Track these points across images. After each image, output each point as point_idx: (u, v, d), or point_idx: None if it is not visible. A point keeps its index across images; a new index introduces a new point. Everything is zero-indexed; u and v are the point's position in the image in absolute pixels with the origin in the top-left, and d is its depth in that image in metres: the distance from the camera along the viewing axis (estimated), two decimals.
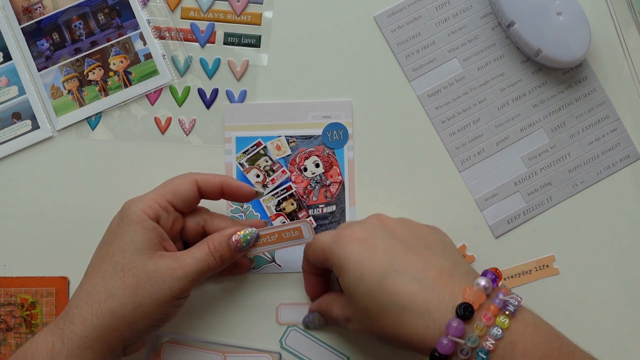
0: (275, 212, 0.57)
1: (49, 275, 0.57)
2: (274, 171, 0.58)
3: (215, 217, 0.53)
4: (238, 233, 0.50)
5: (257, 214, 0.57)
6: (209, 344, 0.56)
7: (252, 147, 0.58)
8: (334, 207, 0.57)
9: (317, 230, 0.57)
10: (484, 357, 0.42)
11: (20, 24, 0.57)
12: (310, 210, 0.57)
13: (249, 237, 0.50)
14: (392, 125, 0.58)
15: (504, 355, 0.42)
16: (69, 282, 0.56)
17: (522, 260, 0.58)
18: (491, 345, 0.42)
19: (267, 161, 0.58)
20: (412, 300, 0.43)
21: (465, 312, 0.42)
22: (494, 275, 0.45)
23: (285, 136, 0.58)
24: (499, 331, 0.42)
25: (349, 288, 0.47)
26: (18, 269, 0.57)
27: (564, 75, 0.59)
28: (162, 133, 0.58)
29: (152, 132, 0.58)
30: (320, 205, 0.57)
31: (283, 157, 0.58)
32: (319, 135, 0.58)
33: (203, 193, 0.51)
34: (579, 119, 0.59)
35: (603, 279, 0.58)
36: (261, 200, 0.57)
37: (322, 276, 0.55)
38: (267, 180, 0.57)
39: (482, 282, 0.44)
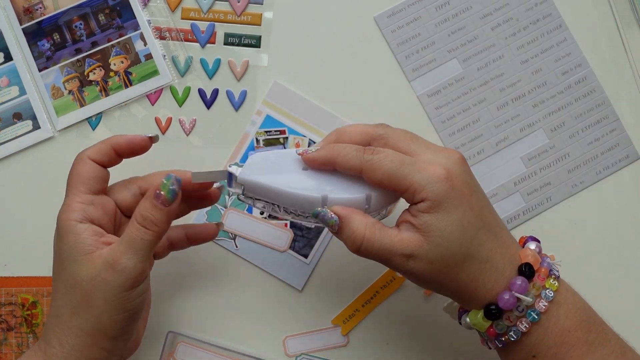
0: None
1: (49, 275, 0.57)
2: None
3: (148, 177, 0.50)
4: (158, 187, 0.45)
5: None
6: (224, 350, 0.56)
7: (275, 131, 0.58)
8: (313, 225, 0.57)
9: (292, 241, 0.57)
10: (536, 317, 0.44)
11: (21, 25, 0.58)
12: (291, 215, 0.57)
13: (170, 186, 0.45)
14: (391, 125, 0.58)
15: (551, 315, 0.44)
16: None
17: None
18: (543, 307, 0.44)
19: None
20: (494, 256, 0.45)
21: (529, 271, 0.45)
22: (538, 241, 0.48)
23: (310, 139, 0.58)
24: (550, 293, 0.45)
25: (443, 229, 0.43)
26: (19, 268, 0.57)
27: (564, 75, 0.59)
28: (163, 133, 0.58)
29: (152, 132, 0.58)
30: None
31: None
32: None
33: (110, 154, 0.49)
34: (578, 119, 0.59)
35: (603, 279, 0.58)
36: None
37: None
38: None
39: (533, 246, 0.47)
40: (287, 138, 0.58)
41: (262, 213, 0.57)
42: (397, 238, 0.44)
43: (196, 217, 0.58)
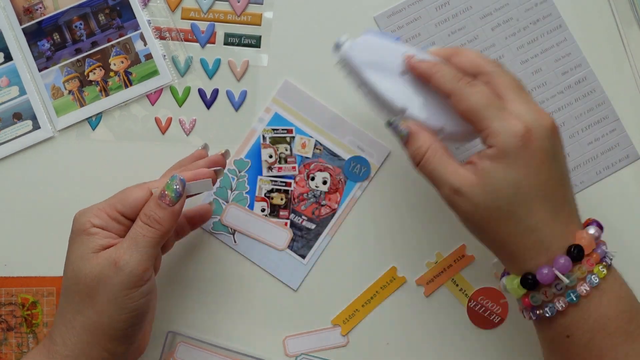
0: (262, 196, 0.58)
1: (49, 275, 0.57)
2: (286, 162, 0.58)
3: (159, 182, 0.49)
4: (162, 187, 0.46)
5: (248, 186, 0.58)
6: (224, 350, 0.56)
7: (282, 129, 0.58)
8: (313, 226, 0.58)
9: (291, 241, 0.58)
10: (575, 299, 0.44)
11: (21, 25, 0.58)
12: (292, 214, 0.58)
13: (174, 186, 0.46)
14: None
15: (592, 300, 0.44)
16: None
17: None
18: (585, 291, 0.44)
19: (286, 149, 0.58)
20: (543, 228, 0.44)
21: (577, 253, 0.44)
22: (601, 227, 0.47)
23: (316, 140, 0.58)
24: (596, 279, 0.44)
25: (497, 181, 0.44)
26: (19, 268, 0.57)
27: (564, 75, 0.59)
28: (163, 133, 0.58)
29: (152, 132, 0.58)
30: (303, 216, 0.58)
31: (301, 156, 0.58)
32: (343, 159, 0.58)
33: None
34: (578, 119, 0.59)
35: None
36: (259, 177, 0.57)
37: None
38: (276, 165, 0.58)
39: (592, 230, 0.46)
40: (293, 137, 0.58)
41: (263, 210, 0.58)
42: (453, 169, 0.45)
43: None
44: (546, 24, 0.59)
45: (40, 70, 0.58)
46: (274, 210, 0.58)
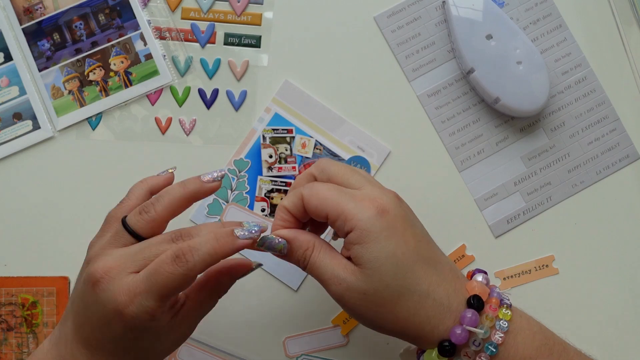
0: (263, 196, 0.58)
1: (49, 275, 0.57)
2: (286, 162, 0.58)
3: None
4: (245, 269, 0.48)
5: (248, 186, 0.58)
6: (225, 354, 0.56)
7: (283, 129, 0.58)
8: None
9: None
10: (494, 350, 0.43)
11: (21, 25, 0.58)
12: None
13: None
14: (391, 126, 0.58)
15: (508, 345, 0.43)
16: (69, 282, 0.56)
17: (522, 260, 0.58)
18: (500, 339, 0.43)
19: (286, 149, 0.58)
20: (436, 290, 0.44)
21: (478, 303, 0.43)
22: (485, 273, 0.46)
23: (317, 140, 0.58)
24: (504, 324, 0.43)
25: (374, 260, 0.43)
26: (19, 268, 0.57)
27: (564, 75, 0.59)
28: (163, 133, 0.58)
29: (152, 132, 0.58)
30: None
31: (301, 156, 0.58)
32: (343, 159, 0.58)
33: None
34: (578, 119, 0.59)
35: (602, 278, 0.58)
36: (259, 177, 0.57)
37: (304, 225, 0.49)
38: (276, 165, 0.58)
39: (480, 277, 0.45)
40: (293, 137, 0.58)
41: (263, 210, 0.58)
42: (337, 261, 0.45)
43: (196, 211, 0.58)
44: (546, 24, 0.59)
45: (40, 70, 0.58)
46: (274, 211, 0.58)
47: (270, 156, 0.58)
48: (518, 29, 0.56)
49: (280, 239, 0.46)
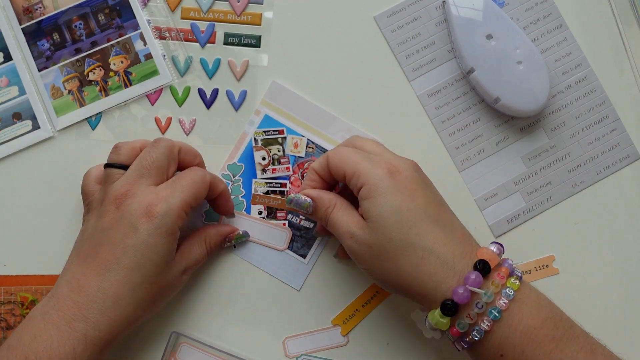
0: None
1: (48, 274, 0.57)
2: (280, 163, 0.58)
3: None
4: (233, 234, 0.56)
5: (243, 190, 0.58)
6: (224, 354, 0.56)
7: (274, 130, 0.58)
8: (311, 225, 0.57)
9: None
10: (497, 315, 0.44)
11: (20, 24, 0.58)
12: (290, 214, 0.57)
13: (242, 239, 0.56)
14: (391, 125, 0.58)
15: (513, 313, 0.44)
16: None
17: (522, 260, 0.58)
18: (504, 305, 0.44)
19: (279, 151, 0.58)
20: (440, 248, 0.45)
21: (483, 267, 0.45)
22: (501, 245, 0.48)
23: (308, 139, 0.58)
24: (511, 292, 0.45)
25: (379, 214, 0.46)
26: (18, 267, 0.57)
27: (564, 75, 0.59)
28: (163, 133, 0.58)
29: (152, 132, 0.58)
30: (300, 216, 0.57)
31: (294, 156, 0.58)
32: None
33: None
34: (578, 119, 0.59)
35: (603, 278, 0.58)
36: (253, 180, 0.57)
37: (327, 184, 0.53)
38: (270, 167, 0.57)
39: (493, 247, 0.47)
40: (285, 138, 0.58)
41: (260, 213, 0.57)
42: (352, 218, 0.48)
43: (193, 217, 0.58)
44: (546, 24, 0.59)
45: (40, 70, 0.58)
46: (271, 212, 0.58)
47: (264, 158, 0.58)
48: (518, 28, 0.56)
49: (306, 198, 0.51)
